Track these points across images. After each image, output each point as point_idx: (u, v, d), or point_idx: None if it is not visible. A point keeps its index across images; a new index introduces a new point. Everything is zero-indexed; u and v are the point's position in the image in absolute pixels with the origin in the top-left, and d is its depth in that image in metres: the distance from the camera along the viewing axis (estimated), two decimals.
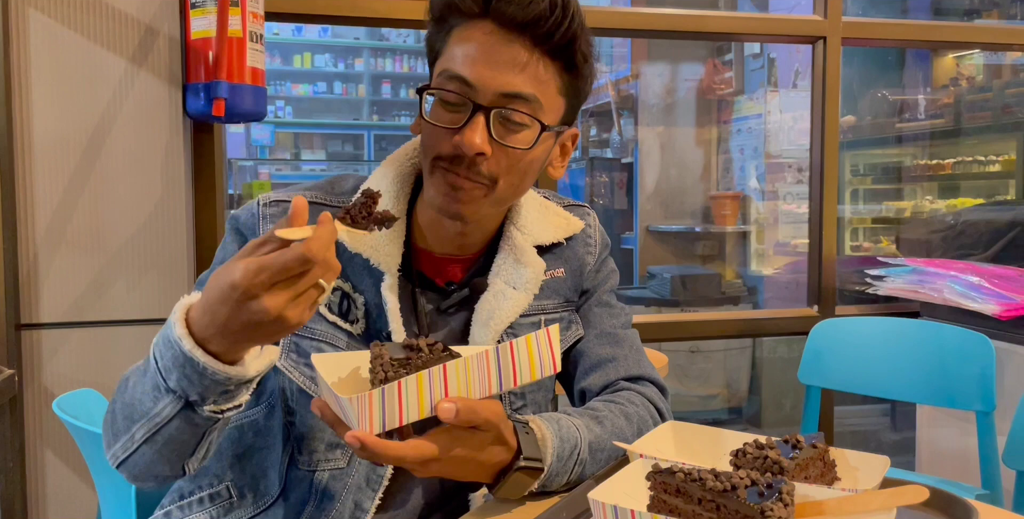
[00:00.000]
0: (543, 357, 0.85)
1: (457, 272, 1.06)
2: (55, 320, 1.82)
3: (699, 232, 4.32)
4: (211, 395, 0.82)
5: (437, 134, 0.95)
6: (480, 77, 0.92)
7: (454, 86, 0.93)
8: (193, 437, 0.87)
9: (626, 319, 1.18)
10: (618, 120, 4.66)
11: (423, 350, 0.82)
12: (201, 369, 0.79)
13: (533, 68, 0.94)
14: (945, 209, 3.67)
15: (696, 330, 2.68)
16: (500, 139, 0.94)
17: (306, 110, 6.67)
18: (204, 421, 0.85)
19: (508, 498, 0.92)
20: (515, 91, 0.93)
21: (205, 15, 1.82)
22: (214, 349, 0.79)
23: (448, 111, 0.95)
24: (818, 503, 0.77)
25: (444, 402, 0.79)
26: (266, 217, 1.00)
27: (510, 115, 0.94)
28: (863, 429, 3.76)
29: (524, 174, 0.99)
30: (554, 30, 0.93)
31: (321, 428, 0.99)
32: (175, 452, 0.88)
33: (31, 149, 1.79)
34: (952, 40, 2.86)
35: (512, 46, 0.93)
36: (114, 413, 0.91)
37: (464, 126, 0.93)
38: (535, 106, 0.94)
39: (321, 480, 0.99)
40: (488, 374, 0.82)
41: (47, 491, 1.84)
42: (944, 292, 2.42)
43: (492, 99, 0.93)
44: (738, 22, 2.62)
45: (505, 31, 0.93)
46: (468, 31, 0.94)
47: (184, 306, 0.81)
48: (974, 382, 1.85)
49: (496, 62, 0.92)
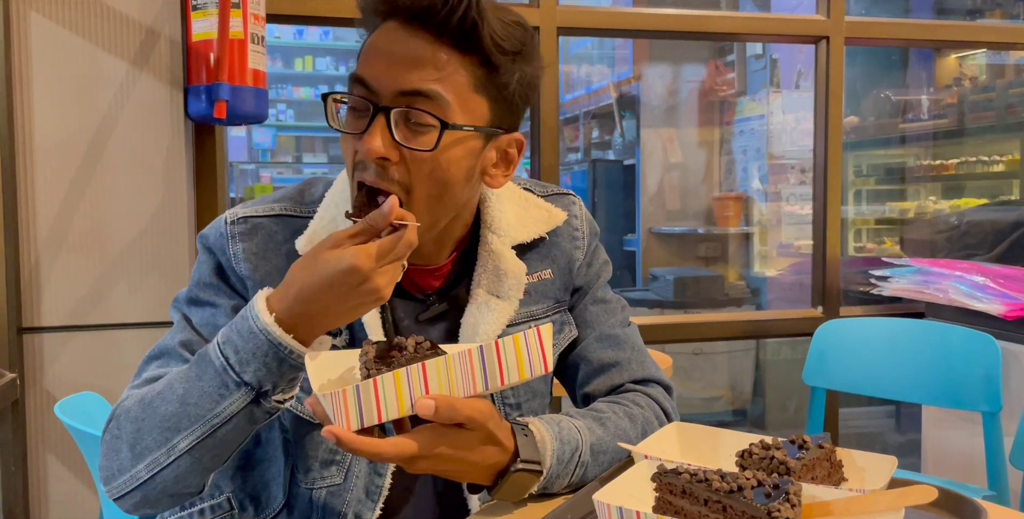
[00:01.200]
0: (532, 357, 0.84)
1: (431, 282, 1.02)
2: (57, 324, 1.82)
3: (702, 234, 4.31)
4: (283, 383, 0.86)
5: (345, 142, 0.92)
6: (376, 76, 0.88)
7: (355, 90, 0.89)
8: (243, 436, 0.89)
9: (624, 315, 1.15)
10: (620, 121, 4.66)
11: (407, 349, 0.82)
12: (286, 353, 0.83)
13: (435, 62, 0.87)
14: (949, 210, 3.66)
15: (699, 332, 2.67)
16: (404, 142, 0.87)
17: (307, 113, 6.67)
18: (264, 415, 0.87)
19: (507, 500, 0.91)
20: (413, 88, 0.87)
21: (206, 17, 1.82)
22: (298, 337, 0.84)
23: (354, 117, 0.91)
24: (825, 504, 0.76)
25: (423, 399, 0.79)
26: (234, 236, 0.97)
27: (412, 115, 0.87)
28: (868, 431, 3.75)
29: (444, 184, 0.90)
30: (449, 16, 0.86)
31: (314, 446, 0.99)
32: (216, 458, 0.89)
33: (32, 152, 1.79)
34: (955, 40, 2.85)
35: (413, 41, 0.88)
36: (139, 432, 0.88)
37: (366, 130, 0.88)
38: (440, 103, 0.87)
39: (320, 497, 0.99)
40: (472, 373, 0.81)
41: (49, 495, 1.83)
42: (949, 292, 2.41)
43: (391, 99, 0.87)
44: (740, 22, 2.61)
45: (406, 28, 0.88)
46: (375, 35, 0.91)
47: (263, 298, 0.85)
48: (980, 383, 1.84)
49: (393, 59, 0.88)
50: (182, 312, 1.00)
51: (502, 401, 1.05)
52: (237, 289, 0.98)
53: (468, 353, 0.81)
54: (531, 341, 0.84)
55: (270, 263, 0.97)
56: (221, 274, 0.99)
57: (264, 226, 0.98)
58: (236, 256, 0.97)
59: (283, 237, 0.98)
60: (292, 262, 0.94)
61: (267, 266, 0.97)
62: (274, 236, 0.98)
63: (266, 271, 0.97)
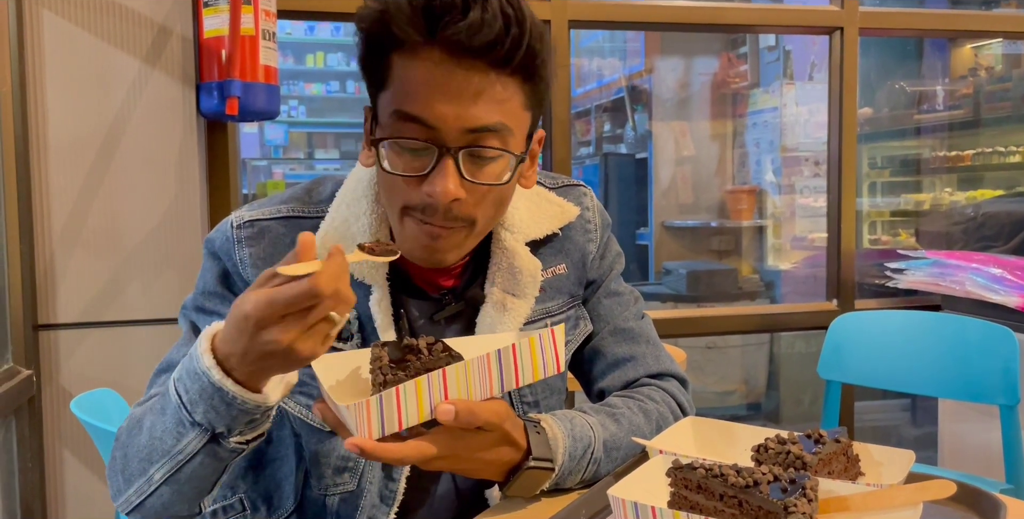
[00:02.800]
0: (547, 358, 0.84)
1: (448, 279, 1.01)
2: (72, 320, 1.83)
3: (715, 227, 4.29)
4: (238, 425, 0.81)
5: (399, 185, 0.87)
6: (440, 116, 0.83)
7: (413, 130, 0.84)
8: (215, 472, 0.86)
9: (637, 307, 1.14)
10: (632, 115, 4.64)
11: (422, 351, 0.81)
12: (230, 399, 0.78)
13: (494, 93, 0.84)
14: (965, 201, 3.63)
15: (713, 326, 2.66)
16: (472, 178, 0.85)
17: (319, 109, 6.68)
18: (228, 454, 0.83)
19: (519, 496, 0.91)
20: (481, 125, 0.84)
21: (218, 14, 1.82)
22: (238, 378, 0.78)
23: (410, 157, 0.86)
24: (842, 498, 0.75)
25: (443, 404, 0.78)
26: (240, 241, 0.96)
27: (479, 152, 0.85)
28: (884, 424, 3.73)
29: (500, 203, 0.92)
30: (514, 52, 0.83)
31: (326, 454, 0.98)
32: (195, 489, 0.87)
33: (46, 150, 1.79)
34: (971, 29, 2.82)
35: (467, 73, 0.83)
36: (126, 457, 0.88)
37: (432, 172, 0.84)
38: (504, 134, 0.86)
39: (333, 503, 0.99)
40: (489, 376, 0.81)
41: (65, 491, 1.85)
42: (966, 284, 2.39)
43: (457, 137, 0.84)
44: (754, 14, 2.59)
45: (456, 58, 0.82)
46: (413, 61, 0.84)
47: (209, 336, 0.79)
48: (997, 375, 1.83)
49: (456, 95, 0.83)
50: (190, 320, 0.99)
51: (520, 399, 1.04)
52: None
53: (487, 358, 0.81)
54: (545, 342, 0.84)
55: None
56: (225, 281, 0.98)
57: (271, 229, 0.97)
58: (243, 261, 0.96)
59: (291, 239, 0.96)
60: None
61: None
62: (282, 239, 0.97)
63: None
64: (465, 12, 0.81)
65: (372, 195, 0.97)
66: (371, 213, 0.96)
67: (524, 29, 0.83)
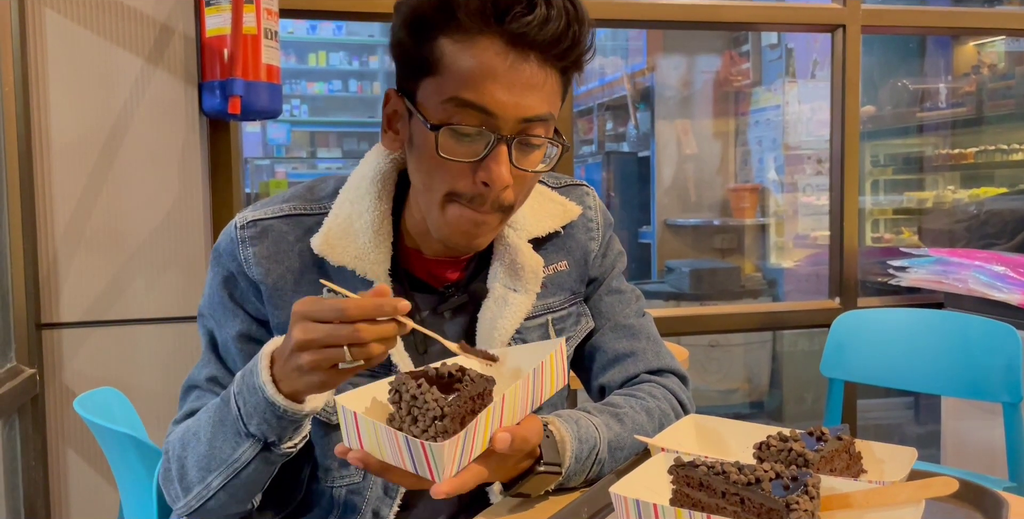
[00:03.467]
0: (558, 371, 0.86)
1: (452, 274, 1.02)
2: (75, 319, 1.83)
3: (717, 225, 4.29)
4: (287, 433, 0.87)
5: (449, 170, 0.88)
6: (503, 106, 0.85)
7: (470, 117, 0.86)
8: (267, 475, 0.92)
9: (638, 305, 1.14)
10: (634, 113, 4.63)
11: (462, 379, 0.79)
12: (281, 413, 0.83)
13: (546, 85, 0.88)
14: (968, 199, 3.62)
15: (716, 324, 2.66)
16: (519, 165, 0.89)
17: (322, 108, 6.68)
18: (279, 457, 0.89)
19: (523, 496, 0.91)
20: (535, 115, 0.88)
21: (220, 13, 1.82)
22: (285, 390, 0.83)
23: (462, 144, 0.87)
24: (845, 496, 0.75)
25: (500, 433, 0.80)
26: (244, 241, 0.97)
27: (529, 140, 0.89)
28: (887, 422, 3.72)
29: (531, 188, 0.96)
30: (572, 50, 0.87)
31: (332, 447, 0.98)
32: (250, 492, 0.93)
33: (49, 149, 1.80)
34: (974, 27, 2.82)
35: (528, 65, 0.86)
36: (183, 468, 0.94)
37: (486, 159, 0.87)
38: (549, 124, 0.90)
39: (340, 495, 1.00)
40: (527, 397, 0.83)
41: (69, 489, 1.85)
42: (969, 282, 2.39)
43: (512, 126, 0.87)
44: (756, 11, 2.59)
45: (517, 50, 0.85)
46: (471, 49, 0.85)
47: (268, 354, 0.85)
48: (1000, 373, 1.82)
49: (515, 87, 0.85)
50: (207, 328, 1.02)
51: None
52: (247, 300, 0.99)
53: (527, 379, 0.81)
54: (558, 357, 0.85)
55: (282, 266, 0.97)
56: (229, 288, 0.99)
57: (274, 228, 0.98)
58: (248, 261, 0.97)
59: (294, 237, 0.98)
60: (304, 262, 0.95)
61: (279, 269, 0.97)
62: (285, 237, 0.98)
63: (278, 274, 0.97)
64: (532, 6, 0.84)
65: (375, 192, 0.97)
66: (374, 210, 0.97)
67: (584, 28, 0.87)
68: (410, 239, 1.01)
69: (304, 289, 0.97)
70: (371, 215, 0.96)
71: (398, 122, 0.95)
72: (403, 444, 0.74)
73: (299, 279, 0.97)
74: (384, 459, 0.77)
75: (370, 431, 0.76)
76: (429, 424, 0.75)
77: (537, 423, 0.86)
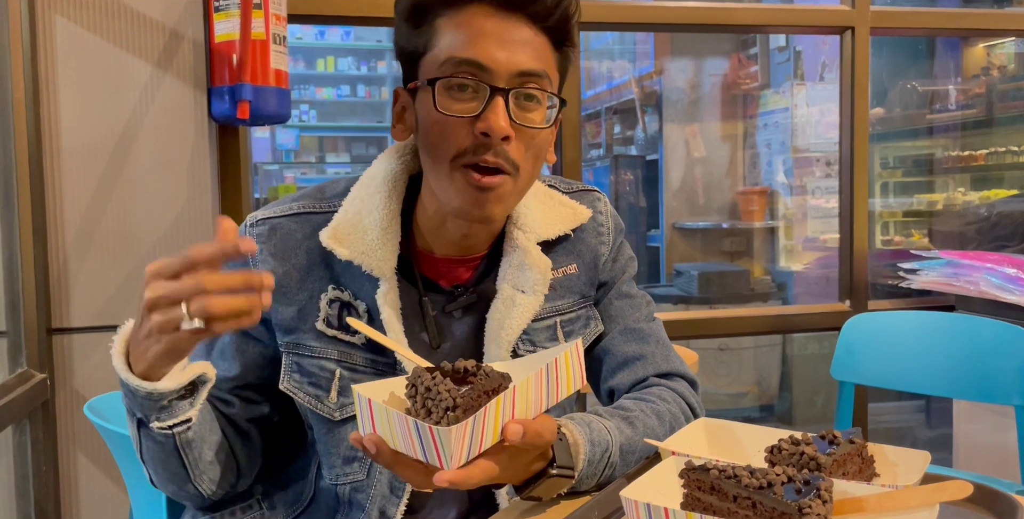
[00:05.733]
0: (574, 372, 0.85)
1: (462, 274, 1.03)
2: (85, 324, 1.84)
3: (726, 228, 4.28)
4: (151, 412, 0.85)
5: (450, 128, 0.91)
6: (494, 58, 0.90)
7: (464, 71, 0.91)
8: (169, 455, 0.90)
9: (648, 310, 1.14)
10: (642, 117, 4.63)
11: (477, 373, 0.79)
12: (134, 387, 0.83)
13: (536, 45, 0.93)
14: (978, 201, 3.60)
15: (725, 327, 2.65)
16: (519, 120, 0.91)
17: (330, 113, 6.70)
18: (163, 438, 0.88)
19: (535, 499, 0.91)
20: (529, 68, 0.92)
21: (228, 18, 1.82)
22: (139, 367, 0.83)
23: (460, 100, 0.91)
24: (858, 499, 0.75)
25: (512, 424, 0.78)
26: (255, 237, 1.00)
27: (526, 93, 0.92)
28: (898, 426, 3.71)
29: (537, 158, 0.96)
30: (552, 9, 0.93)
31: (335, 443, 0.99)
32: (166, 471, 0.92)
33: (59, 154, 1.80)
34: (984, 28, 2.81)
35: (516, 24, 0.92)
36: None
37: (485, 111, 0.90)
38: (545, 82, 0.94)
39: (345, 492, 1.00)
40: (540, 392, 0.82)
41: (80, 494, 1.85)
42: (980, 285, 2.37)
43: (508, 79, 0.91)
44: (764, 14, 2.59)
45: (504, 12, 0.92)
46: (461, 17, 0.92)
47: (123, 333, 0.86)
48: (1012, 376, 1.81)
49: (506, 41, 0.91)
50: None
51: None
52: None
53: (540, 375, 0.81)
54: (574, 357, 0.85)
55: (288, 262, 0.98)
56: None
57: (282, 226, 1.00)
58: (255, 258, 0.99)
59: (302, 234, 0.99)
60: (312, 259, 0.96)
61: (285, 266, 0.98)
62: (292, 234, 0.99)
63: (284, 271, 0.98)
64: None
65: (386, 191, 0.99)
66: (383, 208, 0.98)
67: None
68: (421, 240, 1.02)
69: (309, 286, 0.98)
70: (380, 213, 0.97)
71: (406, 114, 0.98)
72: (413, 429, 0.75)
73: (304, 276, 0.99)
74: (396, 447, 0.77)
75: (383, 417, 0.77)
76: (442, 415, 0.75)
77: (551, 421, 0.85)
